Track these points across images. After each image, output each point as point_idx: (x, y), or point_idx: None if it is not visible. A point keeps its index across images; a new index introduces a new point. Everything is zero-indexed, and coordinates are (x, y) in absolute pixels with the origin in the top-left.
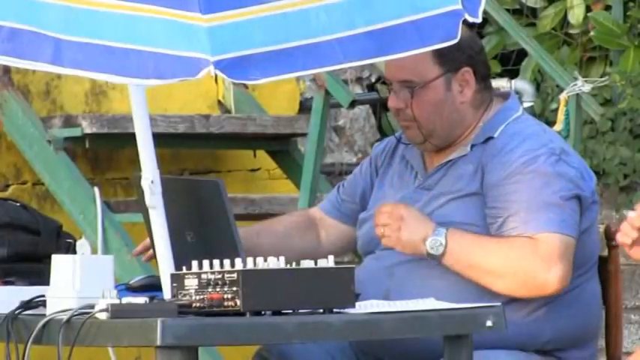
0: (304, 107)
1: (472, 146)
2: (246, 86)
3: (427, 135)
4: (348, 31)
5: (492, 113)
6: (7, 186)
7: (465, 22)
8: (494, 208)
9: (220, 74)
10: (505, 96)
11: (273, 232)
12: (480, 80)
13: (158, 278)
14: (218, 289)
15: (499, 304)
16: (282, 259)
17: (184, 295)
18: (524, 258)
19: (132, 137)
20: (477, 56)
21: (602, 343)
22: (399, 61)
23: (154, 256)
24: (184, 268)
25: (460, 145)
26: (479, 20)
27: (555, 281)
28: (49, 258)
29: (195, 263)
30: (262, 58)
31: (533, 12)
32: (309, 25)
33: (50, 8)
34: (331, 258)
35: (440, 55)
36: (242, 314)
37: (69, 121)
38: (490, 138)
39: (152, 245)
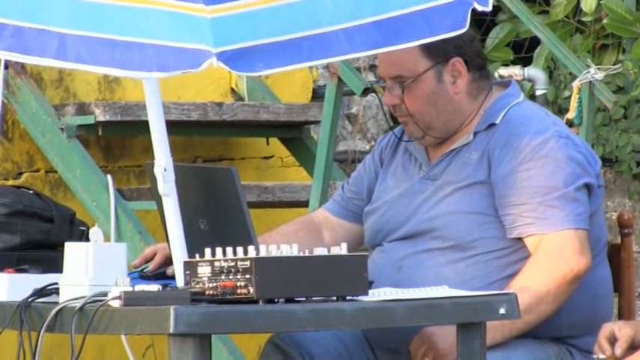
0: (317, 95)
1: (475, 134)
2: None
3: (425, 128)
4: (354, 21)
5: (493, 101)
6: (20, 174)
7: (475, 10)
8: (506, 196)
9: (223, 66)
10: (506, 84)
11: (274, 241)
12: (474, 69)
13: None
14: (231, 277)
15: (512, 291)
16: (295, 246)
17: (197, 282)
18: (554, 267)
19: (145, 125)
20: (467, 46)
21: None
22: (388, 57)
23: (157, 268)
24: (197, 255)
25: (462, 133)
26: (489, 9)
27: (583, 271)
28: (62, 245)
29: (208, 251)
30: (266, 49)
31: (546, 0)
32: (316, 15)
33: (55, 2)
34: (344, 246)
35: (427, 48)
36: (255, 302)
37: (82, 109)
38: (492, 124)
39: (166, 236)
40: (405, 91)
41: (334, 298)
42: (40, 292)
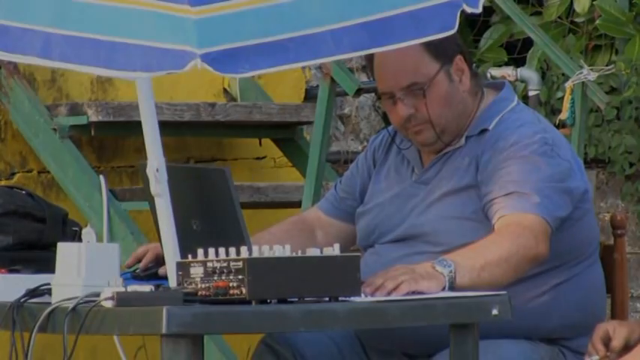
0: (310, 95)
1: (467, 138)
2: None
3: (440, 133)
4: (342, 22)
5: (487, 103)
6: (13, 174)
7: (464, 12)
8: (487, 193)
9: (207, 67)
10: (499, 87)
11: (266, 241)
12: (469, 66)
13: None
14: (224, 278)
15: (504, 292)
16: (287, 247)
17: (190, 283)
18: (518, 235)
19: (137, 125)
20: (462, 42)
21: None
22: (396, 68)
23: (148, 269)
24: (190, 256)
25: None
26: (478, 11)
27: (541, 257)
28: (55, 246)
29: (200, 251)
30: (252, 50)
31: (539, 0)
32: (302, 16)
33: (41, 1)
34: (337, 246)
35: (433, 50)
36: (248, 302)
37: (74, 109)
38: (485, 130)
39: (158, 237)
40: (426, 96)
41: (327, 298)
42: (33, 293)
